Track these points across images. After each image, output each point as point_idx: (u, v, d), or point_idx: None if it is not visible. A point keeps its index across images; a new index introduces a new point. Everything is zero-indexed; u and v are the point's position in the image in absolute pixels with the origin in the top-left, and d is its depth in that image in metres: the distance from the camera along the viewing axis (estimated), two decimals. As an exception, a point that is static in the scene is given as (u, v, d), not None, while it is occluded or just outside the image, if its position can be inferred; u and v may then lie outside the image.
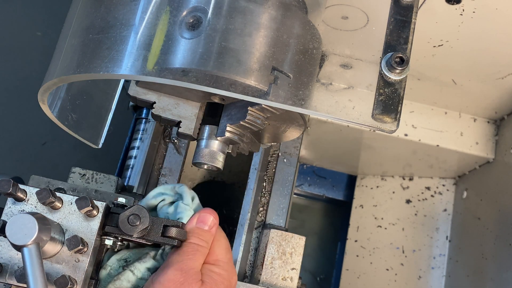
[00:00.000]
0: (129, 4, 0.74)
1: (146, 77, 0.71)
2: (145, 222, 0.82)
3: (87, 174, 1.06)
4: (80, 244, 0.80)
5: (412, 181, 1.70)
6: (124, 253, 0.90)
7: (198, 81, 0.70)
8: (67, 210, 0.84)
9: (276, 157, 1.21)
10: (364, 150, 1.57)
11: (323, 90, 0.77)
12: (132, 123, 1.27)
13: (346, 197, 1.82)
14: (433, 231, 1.63)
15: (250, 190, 1.15)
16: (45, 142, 2.01)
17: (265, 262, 1.04)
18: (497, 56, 1.16)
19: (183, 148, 1.20)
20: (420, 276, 1.62)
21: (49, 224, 0.78)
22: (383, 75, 0.77)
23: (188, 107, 0.90)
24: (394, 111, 0.75)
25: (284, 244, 1.06)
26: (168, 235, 0.84)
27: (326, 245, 1.84)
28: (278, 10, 0.75)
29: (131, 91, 0.90)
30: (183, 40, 0.71)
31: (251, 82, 0.71)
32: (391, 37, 0.79)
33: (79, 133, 0.94)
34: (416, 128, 1.41)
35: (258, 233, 1.13)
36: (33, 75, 1.95)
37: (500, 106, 1.36)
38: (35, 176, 1.02)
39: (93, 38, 0.74)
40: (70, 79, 0.77)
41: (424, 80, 1.31)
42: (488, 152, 1.42)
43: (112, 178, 1.06)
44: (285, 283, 1.04)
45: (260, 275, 1.04)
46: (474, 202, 1.51)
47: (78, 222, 0.83)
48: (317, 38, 0.79)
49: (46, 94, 0.79)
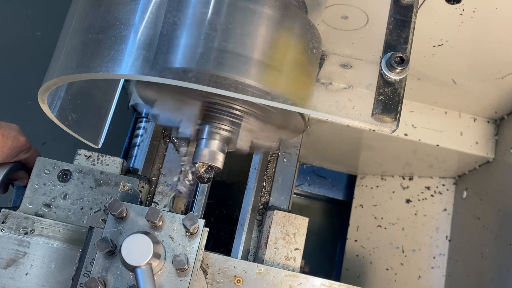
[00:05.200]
0: (129, 4, 0.74)
1: (146, 77, 0.71)
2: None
3: (92, 156, 1.07)
4: (186, 264, 0.81)
5: (412, 181, 1.70)
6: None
7: (198, 81, 0.70)
8: (171, 228, 0.86)
9: (276, 157, 1.21)
10: (364, 150, 1.57)
11: (323, 90, 0.77)
12: (132, 122, 1.27)
13: (346, 197, 1.82)
14: (433, 231, 1.63)
15: (250, 190, 1.15)
16: (45, 142, 2.01)
17: (269, 242, 1.05)
18: (497, 56, 1.16)
19: (183, 148, 1.20)
20: (420, 276, 1.61)
21: (159, 243, 0.80)
22: (383, 75, 0.77)
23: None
24: (394, 110, 0.75)
25: (288, 225, 1.07)
26: None
27: (326, 245, 1.84)
28: (278, 10, 0.75)
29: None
30: (183, 40, 0.71)
31: (251, 82, 0.71)
32: (391, 37, 0.79)
33: (79, 133, 0.94)
34: (416, 128, 1.41)
35: (257, 233, 1.14)
36: (33, 75, 1.95)
37: (500, 105, 1.36)
38: (41, 157, 1.03)
39: (93, 37, 0.74)
40: (70, 79, 0.77)
41: (424, 80, 1.31)
42: (488, 152, 1.42)
43: (118, 160, 1.07)
44: (288, 263, 1.05)
45: (264, 255, 1.05)
46: (474, 202, 1.51)
47: (181, 240, 0.86)
48: (317, 37, 0.79)
49: (46, 94, 0.79)
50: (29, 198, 1.01)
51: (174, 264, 0.81)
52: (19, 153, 1.03)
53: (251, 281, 0.99)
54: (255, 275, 0.99)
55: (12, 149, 1.00)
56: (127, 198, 0.91)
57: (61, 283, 0.95)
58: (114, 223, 0.85)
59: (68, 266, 0.96)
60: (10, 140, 0.99)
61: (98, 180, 1.03)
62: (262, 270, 0.99)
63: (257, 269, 0.99)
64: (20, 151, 1.03)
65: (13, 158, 1.03)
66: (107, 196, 1.02)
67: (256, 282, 0.99)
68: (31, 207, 1.01)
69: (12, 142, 1.00)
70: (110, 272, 0.83)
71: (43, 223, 0.98)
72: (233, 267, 0.99)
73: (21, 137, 1.02)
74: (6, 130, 0.99)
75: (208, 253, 0.98)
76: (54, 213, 1.01)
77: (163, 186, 1.14)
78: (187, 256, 0.83)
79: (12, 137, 1.00)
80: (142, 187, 1.08)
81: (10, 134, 1.00)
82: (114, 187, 1.03)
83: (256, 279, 0.99)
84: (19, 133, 1.02)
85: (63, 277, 0.95)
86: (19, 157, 1.04)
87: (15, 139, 1.01)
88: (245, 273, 0.99)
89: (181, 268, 0.81)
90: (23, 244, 0.97)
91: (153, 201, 1.13)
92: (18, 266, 0.96)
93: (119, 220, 0.85)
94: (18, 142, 1.01)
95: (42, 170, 1.03)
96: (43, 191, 1.02)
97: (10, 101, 2.06)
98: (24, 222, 0.98)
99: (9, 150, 1.00)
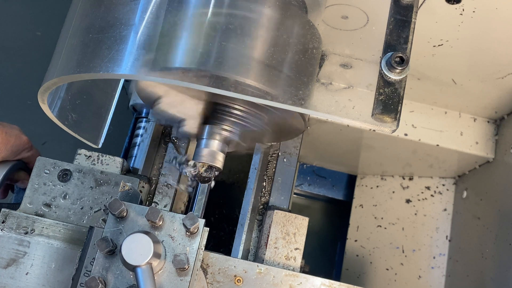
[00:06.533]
0: (129, 4, 0.74)
1: (146, 77, 0.71)
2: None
3: (92, 156, 1.07)
4: (186, 263, 0.81)
5: (412, 181, 1.70)
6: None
7: (198, 81, 0.70)
8: (171, 227, 0.86)
9: (276, 157, 1.21)
10: (364, 150, 1.57)
11: (323, 89, 0.77)
12: (132, 122, 1.27)
13: (346, 196, 1.82)
14: (433, 231, 1.63)
15: (250, 190, 1.15)
16: (45, 142, 2.00)
17: (269, 242, 1.06)
18: (497, 56, 1.16)
19: (183, 148, 1.20)
20: (420, 276, 1.61)
21: (159, 243, 0.80)
22: (383, 75, 0.77)
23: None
24: (394, 110, 0.75)
25: (288, 225, 1.07)
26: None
27: (326, 245, 1.84)
28: (278, 10, 0.75)
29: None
30: (183, 40, 0.71)
31: (251, 82, 0.71)
32: (391, 37, 0.79)
33: (79, 133, 0.95)
34: (416, 128, 1.41)
35: (258, 233, 1.14)
36: (33, 75, 1.95)
37: (500, 105, 1.36)
38: (41, 157, 1.03)
39: (93, 37, 0.74)
40: (70, 79, 0.77)
41: (424, 80, 1.31)
42: (488, 152, 1.42)
43: (118, 159, 1.07)
44: (288, 263, 1.05)
45: (264, 254, 1.06)
46: (474, 202, 1.51)
47: (181, 240, 0.85)
48: (317, 37, 0.79)
49: (46, 94, 0.79)
50: (29, 198, 1.01)
51: (174, 263, 0.81)
52: (21, 152, 1.04)
53: (251, 281, 0.99)
54: (255, 275, 0.99)
55: (15, 147, 1.01)
56: (127, 197, 0.91)
57: (61, 283, 0.95)
58: (114, 222, 0.85)
59: (68, 266, 0.96)
60: (12, 138, 1.00)
61: (98, 180, 1.03)
62: (262, 270, 1.00)
63: (257, 268, 1.00)
64: (23, 149, 1.03)
65: (15, 156, 1.04)
66: (107, 196, 1.02)
67: (256, 281, 0.99)
68: (31, 207, 1.01)
69: (14, 140, 1.01)
70: (110, 271, 0.83)
71: (43, 223, 0.98)
72: (233, 266, 0.99)
73: (23, 136, 1.03)
74: (8, 129, 1.00)
75: (208, 252, 0.98)
76: (54, 213, 1.01)
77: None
78: (187, 256, 0.83)
79: (15, 136, 1.01)
80: (142, 187, 1.08)
81: (13, 132, 1.00)
82: (114, 186, 1.03)
83: (256, 278, 0.99)
84: (20, 132, 1.03)
85: (63, 276, 0.95)
86: (21, 155, 1.04)
87: (18, 138, 1.01)
88: (245, 272, 0.99)
89: (181, 267, 0.81)
90: (23, 243, 0.97)
91: (153, 201, 1.13)
92: (18, 266, 0.96)
93: (119, 219, 0.85)
94: (20, 141, 1.02)
95: (42, 169, 1.03)
96: (43, 190, 1.02)
97: (10, 101, 2.06)
98: (24, 222, 0.98)
99: (12, 147, 1.00)
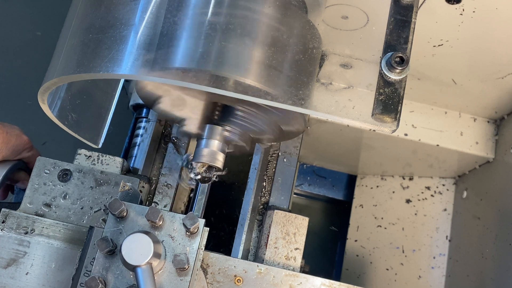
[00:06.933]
0: (129, 4, 0.74)
1: (146, 77, 0.71)
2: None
3: (92, 156, 1.07)
4: (186, 263, 0.81)
5: (412, 181, 1.70)
6: None
7: (198, 81, 0.70)
8: (171, 227, 0.86)
9: (276, 157, 1.21)
10: (364, 150, 1.57)
11: (323, 89, 0.77)
12: (132, 122, 1.27)
13: (346, 196, 1.82)
14: (433, 231, 1.63)
15: (250, 190, 1.15)
16: (45, 142, 2.00)
17: (269, 242, 1.06)
18: (497, 56, 1.16)
19: (183, 148, 1.20)
20: (420, 276, 1.61)
21: (159, 243, 0.80)
22: (383, 75, 0.77)
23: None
24: (394, 110, 0.75)
25: (288, 225, 1.07)
26: None
27: (326, 245, 1.84)
28: (278, 10, 0.75)
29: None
30: (183, 40, 0.71)
31: (251, 82, 0.71)
32: (391, 37, 0.79)
33: (79, 133, 0.95)
34: (416, 128, 1.41)
35: (258, 233, 1.14)
36: (33, 75, 1.95)
37: (500, 105, 1.36)
38: (41, 157, 1.03)
39: (93, 37, 0.74)
40: (70, 79, 0.77)
41: (424, 80, 1.31)
42: (488, 152, 1.42)
43: (118, 159, 1.07)
44: (288, 263, 1.05)
45: (264, 254, 1.06)
46: (474, 202, 1.51)
47: (182, 240, 0.85)
48: (317, 37, 0.79)
49: (46, 94, 0.79)
50: (29, 198, 1.01)
51: (175, 263, 0.81)
52: (22, 151, 1.04)
53: (251, 281, 0.99)
54: (255, 275, 0.99)
55: (15, 146, 1.01)
56: (127, 197, 0.92)
57: (61, 283, 0.95)
58: (114, 222, 0.85)
59: (69, 266, 0.96)
60: (13, 137, 1.00)
61: (98, 180, 1.03)
62: (262, 270, 1.00)
63: (257, 268, 1.00)
64: (23, 149, 1.04)
65: (16, 156, 1.04)
66: (107, 196, 1.02)
67: (256, 281, 0.99)
68: (31, 207, 1.01)
69: (15, 140, 1.01)
70: (110, 271, 0.83)
71: (43, 223, 0.98)
72: (233, 266, 0.99)
73: (23, 136, 1.04)
74: (9, 129, 1.00)
75: (208, 252, 0.98)
76: (54, 213, 1.01)
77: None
78: (187, 256, 0.83)
79: (16, 135, 1.01)
80: (142, 187, 1.08)
81: (13, 132, 1.01)
82: (114, 186, 1.03)
83: (256, 278, 0.99)
84: (21, 132, 1.04)
85: (63, 276, 0.95)
86: (21, 155, 1.05)
87: (18, 137, 1.02)
88: (245, 272, 0.99)
89: (181, 267, 0.81)
90: (23, 243, 0.97)
91: (153, 201, 1.13)
92: (18, 266, 0.96)
93: (119, 219, 0.85)
94: (21, 140, 1.02)
95: (42, 169, 1.03)
96: (43, 190, 1.02)
97: (10, 101, 2.06)
98: (24, 222, 0.98)
99: (13, 147, 1.01)
